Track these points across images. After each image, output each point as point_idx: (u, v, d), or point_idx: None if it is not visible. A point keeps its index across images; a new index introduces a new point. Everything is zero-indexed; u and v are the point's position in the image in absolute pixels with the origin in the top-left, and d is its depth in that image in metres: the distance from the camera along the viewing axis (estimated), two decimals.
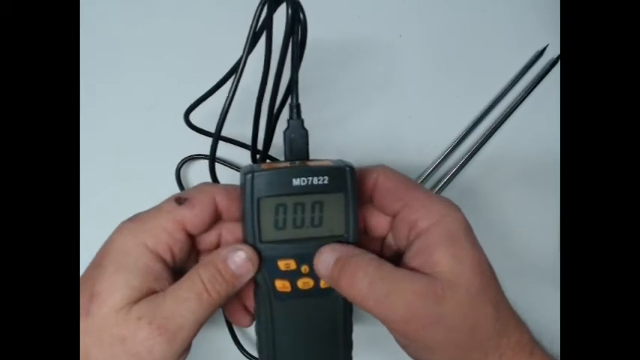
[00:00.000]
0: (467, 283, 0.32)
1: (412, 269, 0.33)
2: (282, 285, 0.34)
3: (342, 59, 0.50)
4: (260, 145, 0.38)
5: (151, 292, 0.32)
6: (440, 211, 0.34)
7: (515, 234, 0.49)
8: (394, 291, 0.31)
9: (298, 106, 0.34)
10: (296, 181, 0.33)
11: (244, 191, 0.33)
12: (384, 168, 0.36)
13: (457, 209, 0.35)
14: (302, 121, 0.34)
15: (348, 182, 0.33)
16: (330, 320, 0.35)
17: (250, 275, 0.33)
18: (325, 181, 0.33)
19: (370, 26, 0.51)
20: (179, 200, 0.34)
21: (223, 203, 0.35)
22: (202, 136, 0.42)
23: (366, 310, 0.32)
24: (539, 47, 0.51)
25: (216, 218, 0.35)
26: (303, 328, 0.35)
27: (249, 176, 0.33)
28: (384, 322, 0.32)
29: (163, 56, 0.49)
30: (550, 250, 0.46)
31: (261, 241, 0.33)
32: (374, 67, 0.51)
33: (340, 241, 0.34)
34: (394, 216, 0.36)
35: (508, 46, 0.52)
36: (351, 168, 0.34)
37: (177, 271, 0.34)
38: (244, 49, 0.32)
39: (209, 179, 0.42)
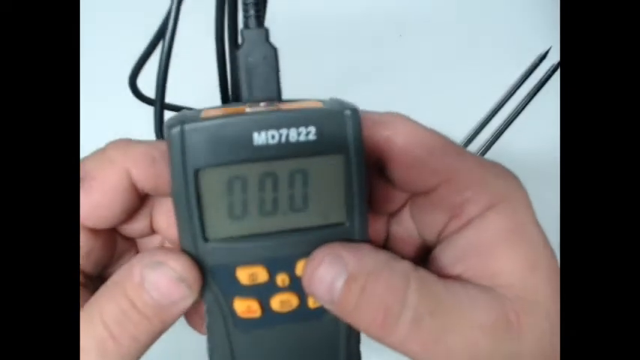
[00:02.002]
0: (546, 303, 0.20)
1: (457, 278, 0.20)
2: (246, 307, 0.21)
3: (342, 60, 0.49)
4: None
5: None
6: (499, 190, 0.21)
7: None
8: (451, 327, 0.19)
9: (257, 5, 0.20)
10: (260, 138, 0.19)
11: (171, 159, 0.19)
12: (403, 119, 0.22)
13: (519, 183, 0.22)
14: (266, 32, 0.20)
15: (351, 135, 0.20)
16: (324, 353, 0.22)
17: (187, 302, 0.20)
18: (311, 136, 0.19)
19: (370, 26, 0.50)
20: None
21: (144, 177, 0.21)
22: None
23: (399, 352, 0.20)
24: (542, 49, 0.50)
25: (138, 197, 0.22)
26: None
27: (175, 131, 0.18)
28: None
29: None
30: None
31: (205, 240, 0.20)
32: (373, 67, 0.49)
33: (342, 238, 0.20)
34: (421, 193, 0.23)
35: (510, 48, 0.51)
36: (355, 112, 0.20)
37: (99, 278, 0.23)
38: None
39: None
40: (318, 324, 0.22)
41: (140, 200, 0.22)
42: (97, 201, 0.21)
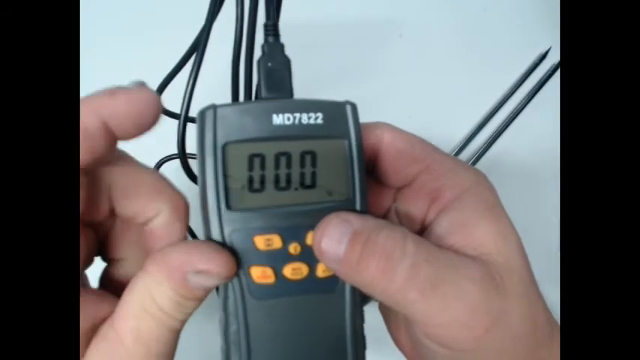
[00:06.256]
0: (520, 268, 0.23)
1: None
2: (261, 273, 0.23)
3: (342, 60, 0.49)
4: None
5: (85, 331, 0.22)
6: (470, 178, 0.25)
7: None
8: (445, 277, 0.21)
9: (276, 25, 0.25)
10: (278, 119, 0.23)
11: (202, 137, 0.23)
12: (388, 125, 0.27)
13: (486, 177, 0.26)
14: (282, 46, 0.25)
15: (351, 124, 0.24)
16: (331, 329, 0.24)
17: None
18: (319, 120, 0.23)
19: (370, 26, 0.50)
20: None
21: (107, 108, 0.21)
22: None
23: (397, 307, 0.22)
24: (543, 49, 0.50)
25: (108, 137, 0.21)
26: (293, 341, 0.24)
27: (209, 112, 0.22)
28: (424, 324, 0.22)
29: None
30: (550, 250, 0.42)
31: (229, 209, 0.23)
32: (374, 67, 0.49)
33: (346, 209, 0.24)
34: (403, 186, 0.27)
35: (511, 47, 0.51)
36: (354, 105, 0.24)
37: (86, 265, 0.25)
38: (207, 16, 0.26)
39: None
40: (326, 298, 0.24)
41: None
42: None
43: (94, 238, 0.24)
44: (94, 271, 0.25)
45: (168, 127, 0.30)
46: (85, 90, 0.33)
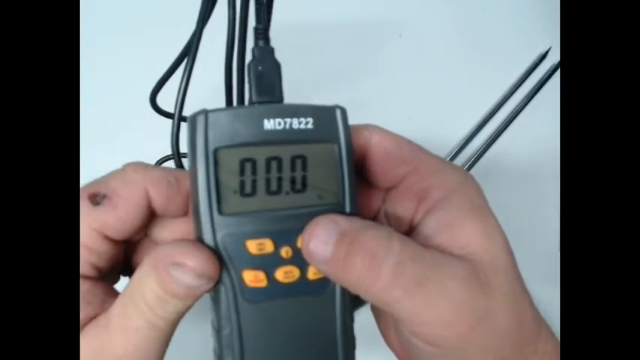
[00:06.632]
0: (506, 266, 0.24)
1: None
2: (254, 276, 0.23)
3: (342, 60, 0.49)
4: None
5: (88, 319, 0.23)
6: (457, 178, 0.26)
7: (516, 234, 0.44)
8: (430, 275, 0.22)
9: (266, 30, 0.25)
10: (269, 124, 0.23)
11: (193, 142, 0.23)
12: (377, 127, 0.27)
13: (473, 177, 0.26)
14: (272, 50, 0.25)
15: (341, 128, 0.24)
16: (322, 330, 0.24)
17: (212, 284, 0.23)
18: (309, 125, 0.23)
19: (370, 26, 0.50)
20: (94, 198, 0.23)
21: (160, 197, 0.24)
22: None
23: (384, 306, 0.22)
24: (543, 49, 0.51)
25: (150, 217, 0.25)
26: (285, 343, 0.24)
27: (200, 118, 0.23)
28: (410, 322, 0.22)
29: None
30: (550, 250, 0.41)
31: (220, 213, 0.23)
32: (373, 67, 0.49)
33: (336, 212, 0.24)
34: (391, 187, 0.27)
35: (511, 47, 0.51)
36: (343, 109, 0.24)
37: (111, 274, 0.26)
38: (198, 17, 0.26)
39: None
40: (316, 300, 0.24)
41: (149, 219, 0.25)
42: (122, 216, 0.24)
43: (123, 252, 0.26)
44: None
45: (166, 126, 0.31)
46: (84, 89, 0.33)
